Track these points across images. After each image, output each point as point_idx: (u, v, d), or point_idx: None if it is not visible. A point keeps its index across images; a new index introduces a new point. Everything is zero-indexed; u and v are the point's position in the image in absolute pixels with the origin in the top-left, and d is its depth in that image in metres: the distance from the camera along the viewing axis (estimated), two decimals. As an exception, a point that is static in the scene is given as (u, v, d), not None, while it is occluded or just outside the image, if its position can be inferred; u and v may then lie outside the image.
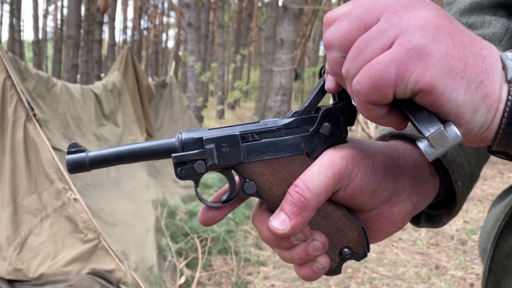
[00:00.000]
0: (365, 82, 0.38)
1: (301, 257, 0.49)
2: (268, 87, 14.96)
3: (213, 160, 0.48)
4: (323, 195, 0.46)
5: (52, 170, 3.02)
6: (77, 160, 0.48)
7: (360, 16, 0.40)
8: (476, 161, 0.59)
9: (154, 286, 3.06)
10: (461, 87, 0.37)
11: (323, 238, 0.50)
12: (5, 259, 2.95)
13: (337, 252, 0.51)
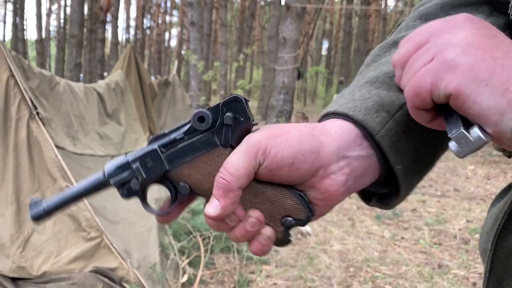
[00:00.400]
0: (410, 90, 0.47)
1: (243, 235, 0.53)
2: (271, 86, 14.97)
3: (142, 176, 0.55)
4: (244, 176, 0.51)
5: (55, 168, 3.03)
6: (37, 213, 0.58)
7: (416, 39, 0.49)
8: (428, 150, 0.59)
9: (156, 284, 3.06)
10: (485, 92, 0.43)
11: (257, 213, 0.53)
12: (8, 257, 2.96)
13: (279, 223, 0.54)
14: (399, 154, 0.55)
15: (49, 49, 30.83)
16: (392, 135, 0.54)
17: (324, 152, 0.52)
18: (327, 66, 30.77)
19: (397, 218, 5.24)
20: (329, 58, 32.91)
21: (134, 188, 0.55)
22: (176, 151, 0.54)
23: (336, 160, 0.53)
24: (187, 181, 0.54)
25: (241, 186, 0.51)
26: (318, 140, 0.53)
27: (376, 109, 0.55)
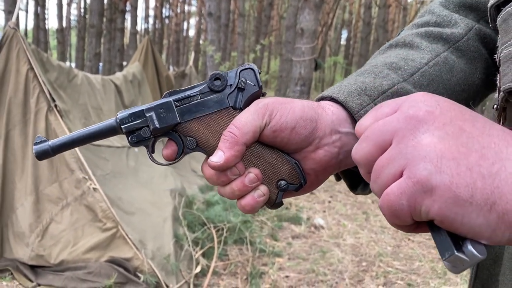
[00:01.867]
0: (386, 210, 0.43)
1: (239, 188, 0.56)
2: (288, 77, 14.89)
3: (154, 125, 0.57)
4: (250, 133, 0.55)
5: (72, 160, 3.10)
6: (43, 149, 0.58)
7: (375, 140, 0.45)
8: None
9: (170, 275, 3.12)
10: (472, 212, 0.38)
11: (257, 171, 0.57)
12: (27, 246, 3.05)
13: (274, 185, 0.58)
14: None
15: (70, 38, 31.20)
16: None
17: (320, 123, 0.58)
18: (345, 57, 30.43)
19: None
20: (348, 48, 32.53)
21: (144, 135, 0.58)
22: (189, 106, 0.58)
23: (329, 133, 0.58)
24: (195, 136, 0.58)
25: (246, 142, 0.55)
26: (316, 112, 0.58)
27: (358, 92, 0.61)
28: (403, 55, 0.68)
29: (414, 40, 0.70)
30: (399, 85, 0.63)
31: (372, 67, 0.67)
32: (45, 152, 0.58)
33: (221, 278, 3.36)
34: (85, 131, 0.59)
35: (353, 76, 0.67)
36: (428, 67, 0.66)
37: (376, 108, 0.48)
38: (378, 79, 0.64)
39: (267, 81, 23.63)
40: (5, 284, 2.99)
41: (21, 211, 3.11)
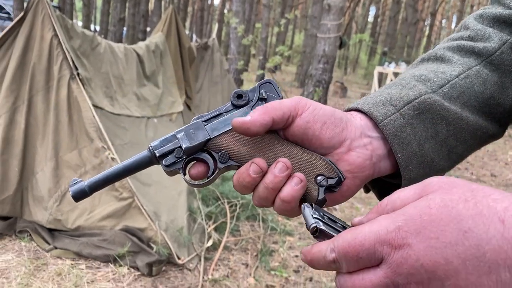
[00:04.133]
0: None
1: (271, 181, 0.55)
2: (311, 53, 14.67)
3: (186, 143, 0.59)
4: (281, 112, 0.56)
5: (92, 129, 3.13)
6: (79, 190, 0.59)
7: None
8: (433, 147, 0.63)
9: (182, 247, 3.19)
10: None
11: (284, 159, 0.56)
12: (46, 209, 3.14)
13: (313, 181, 0.57)
14: (402, 144, 0.60)
15: (95, 1, 31.14)
16: (397, 125, 0.60)
17: (350, 125, 0.59)
18: (372, 35, 29.74)
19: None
20: (375, 26, 31.76)
21: (177, 156, 0.59)
22: (216, 123, 0.60)
23: (359, 136, 0.59)
24: (227, 149, 0.59)
25: (276, 117, 0.56)
26: (346, 116, 0.60)
27: (383, 102, 0.62)
28: (434, 68, 0.68)
29: (445, 54, 0.70)
30: (426, 96, 0.63)
31: (400, 79, 0.68)
32: (82, 192, 0.59)
33: (231, 253, 3.42)
34: (120, 166, 0.60)
35: (380, 89, 0.67)
36: (459, 79, 0.65)
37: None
38: (404, 90, 0.64)
39: (290, 56, 23.32)
40: (24, 244, 3.09)
41: (41, 175, 3.18)
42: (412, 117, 0.61)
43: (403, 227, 0.40)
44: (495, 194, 0.39)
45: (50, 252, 3.02)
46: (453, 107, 0.63)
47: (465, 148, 0.66)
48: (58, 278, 2.75)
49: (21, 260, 2.88)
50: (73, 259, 2.98)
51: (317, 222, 0.47)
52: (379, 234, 0.41)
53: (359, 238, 0.42)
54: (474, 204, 0.39)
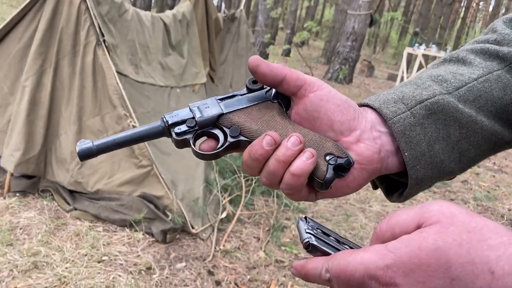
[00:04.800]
0: None
1: (284, 153, 0.55)
2: (340, 29, 14.38)
3: (199, 114, 0.60)
4: (296, 75, 0.59)
5: (115, 96, 3.19)
6: (86, 149, 0.59)
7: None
8: (443, 148, 0.62)
9: (197, 217, 3.26)
10: None
11: (298, 134, 0.57)
12: (68, 172, 3.24)
13: (323, 158, 0.57)
14: (410, 143, 0.60)
15: (126, -36, 30.95)
16: (406, 124, 0.60)
17: (362, 118, 0.60)
18: (404, 13, 28.86)
19: (445, 188, 5.13)
20: (408, 4, 30.79)
21: (189, 125, 0.60)
22: (231, 101, 0.62)
23: (370, 128, 0.60)
24: (238, 124, 0.60)
25: (289, 77, 0.58)
26: (358, 108, 0.61)
27: (394, 100, 0.62)
28: (453, 69, 0.67)
29: (467, 56, 0.69)
30: (440, 97, 0.62)
31: (416, 78, 0.67)
32: (89, 151, 0.59)
33: (244, 226, 3.48)
34: (130, 133, 0.60)
35: (395, 87, 0.67)
36: (477, 83, 0.64)
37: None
38: (418, 89, 0.63)
39: (318, 31, 22.87)
40: (46, 203, 3.21)
41: (64, 138, 3.27)
42: (423, 116, 0.61)
43: (392, 267, 0.41)
44: (492, 239, 0.39)
45: (70, 213, 3.13)
46: (467, 110, 0.62)
47: (477, 153, 0.65)
48: (76, 238, 2.86)
49: (42, 218, 3.00)
50: (91, 221, 3.09)
51: (310, 237, 0.48)
52: (369, 268, 0.42)
53: (351, 267, 0.43)
54: (467, 250, 0.39)
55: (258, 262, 3.04)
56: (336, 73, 10.75)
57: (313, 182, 0.58)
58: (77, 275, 2.50)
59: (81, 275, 2.51)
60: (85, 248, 2.76)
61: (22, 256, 2.58)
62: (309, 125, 0.60)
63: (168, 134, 0.60)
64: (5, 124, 3.38)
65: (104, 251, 2.78)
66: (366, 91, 11.12)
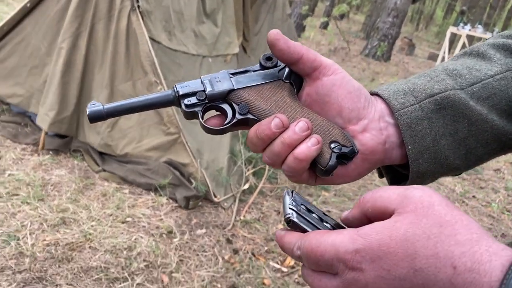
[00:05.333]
0: None
1: (290, 136, 0.56)
2: (382, 5, 13.91)
3: (210, 87, 0.60)
4: (313, 55, 0.58)
5: (147, 62, 3.23)
6: (96, 111, 0.59)
7: None
8: (449, 144, 0.61)
9: (220, 187, 3.32)
10: None
11: (307, 120, 0.57)
12: (98, 134, 3.34)
13: (328, 145, 0.58)
14: (415, 136, 0.60)
15: None
16: (413, 117, 0.60)
17: (372, 107, 0.60)
18: (452, -10, 27.57)
19: (475, 175, 5.01)
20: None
21: (199, 98, 0.60)
22: (243, 77, 0.61)
23: (378, 119, 0.60)
24: (248, 101, 0.60)
25: (306, 57, 0.58)
26: (370, 97, 0.61)
27: (404, 92, 0.61)
28: (471, 64, 0.65)
29: (488, 51, 0.66)
30: (452, 92, 0.61)
31: (432, 70, 0.66)
32: (99, 114, 0.59)
33: (266, 198, 3.53)
34: (140, 99, 0.61)
35: (409, 78, 0.66)
36: (493, 80, 0.62)
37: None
38: (431, 82, 0.62)
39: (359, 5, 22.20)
40: (76, 163, 3.34)
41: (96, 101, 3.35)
42: (432, 111, 0.60)
43: (360, 252, 0.42)
44: (461, 234, 0.40)
45: (98, 174, 3.25)
46: (478, 107, 0.61)
47: (486, 151, 0.64)
48: (103, 199, 2.98)
49: (72, 177, 3.13)
50: (118, 183, 3.19)
51: (292, 213, 0.49)
52: (338, 251, 0.43)
53: (321, 248, 0.45)
54: (434, 244, 0.40)
55: (277, 235, 3.08)
56: (374, 49, 10.48)
57: (315, 167, 0.58)
58: (101, 233, 2.62)
59: (105, 233, 2.62)
60: (110, 209, 2.87)
61: (51, 212, 2.71)
62: (318, 109, 0.60)
63: (177, 104, 0.60)
64: (41, 83, 3.50)
65: (129, 212, 2.88)
66: (404, 70, 10.81)
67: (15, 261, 2.26)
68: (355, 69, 9.43)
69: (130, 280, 2.34)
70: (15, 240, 2.40)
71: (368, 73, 9.27)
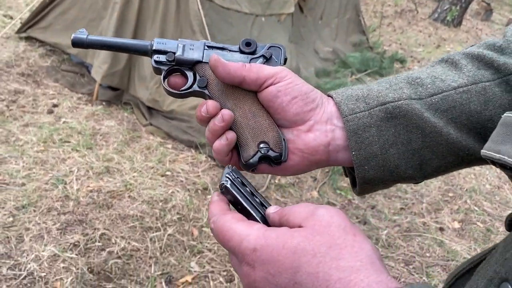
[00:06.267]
0: None
1: (211, 126, 0.59)
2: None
3: (180, 52, 0.63)
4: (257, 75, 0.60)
5: (196, 22, 3.27)
6: (79, 39, 0.65)
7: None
8: (401, 154, 0.61)
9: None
10: None
11: (227, 112, 0.59)
12: (147, 89, 3.48)
13: (256, 143, 0.60)
14: (361, 143, 0.60)
15: None
16: (360, 123, 0.60)
17: (320, 109, 0.61)
18: None
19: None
20: None
21: (168, 58, 0.63)
22: (215, 53, 0.64)
23: (325, 121, 0.61)
24: (208, 77, 0.63)
25: (248, 78, 0.60)
26: (321, 100, 0.62)
27: (357, 97, 0.62)
28: (438, 73, 0.63)
29: (461, 61, 0.64)
30: (405, 102, 0.60)
31: (394, 77, 0.65)
32: (80, 41, 0.65)
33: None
34: (120, 40, 0.66)
35: (370, 83, 0.67)
36: (455, 93, 0.61)
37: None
38: (387, 90, 0.62)
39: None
40: (126, 115, 3.52)
41: (147, 58, 3.47)
42: (381, 119, 0.60)
43: (256, 252, 0.46)
44: (345, 260, 0.42)
45: (145, 127, 3.41)
46: (433, 119, 0.59)
47: (442, 164, 0.63)
48: (147, 152, 3.15)
49: (120, 128, 3.32)
50: (162, 137, 3.35)
51: (227, 181, 0.54)
52: (241, 244, 0.47)
53: (229, 234, 0.49)
54: (317, 263, 0.43)
55: (310, 201, 3.13)
56: (444, 13, 9.83)
57: (241, 157, 0.62)
58: (141, 184, 2.79)
59: (144, 184, 2.80)
60: (152, 162, 3.03)
61: (98, 160, 2.92)
62: (269, 111, 0.62)
63: (150, 57, 0.64)
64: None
65: (169, 167, 3.04)
66: (475, 37, 10.09)
67: (61, 203, 2.49)
68: (420, 34, 8.94)
69: (162, 230, 2.51)
70: (63, 184, 2.62)
71: (434, 39, 8.76)
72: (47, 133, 3.04)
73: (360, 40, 6.17)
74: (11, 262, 2.12)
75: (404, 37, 8.27)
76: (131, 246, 2.35)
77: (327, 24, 5.62)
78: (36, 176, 2.65)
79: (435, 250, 2.90)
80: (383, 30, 8.07)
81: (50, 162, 2.79)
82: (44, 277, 2.09)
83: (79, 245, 2.27)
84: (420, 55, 7.41)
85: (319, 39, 5.48)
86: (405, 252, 2.82)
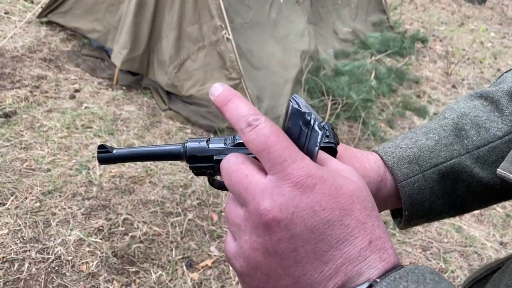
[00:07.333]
0: None
1: None
2: None
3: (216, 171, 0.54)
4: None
5: (214, 6, 3.26)
6: (106, 157, 0.58)
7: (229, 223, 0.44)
8: (446, 202, 0.62)
9: (277, 133, 3.40)
10: None
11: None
12: (166, 74, 3.51)
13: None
14: (415, 204, 0.61)
15: None
16: (415, 188, 0.60)
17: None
18: None
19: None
20: None
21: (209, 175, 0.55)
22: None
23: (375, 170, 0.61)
24: None
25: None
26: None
27: (409, 160, 0.60)
28: (480, 119, 0.61)
29: (501, 100, 0.62)
30: (457, 160, 0.59)
31: (441, 126, 0.63)
32: (108, 159, 0.58)
33: (322, 149, 3.56)
34: (149, 149, 0.58)
35: (417, 133, 0.63)
36: (501, 142, 0.59)
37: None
38: (438, 146, 0.61)
39: None
40: (145, 100, 3.57)
41: (165, 42, 3.49)
42: (434, 181, 0.60)
43: (313, 178, 0.39)
44: (382, 228, 0.41)
45: (164, 112, 3.46)
46: (482, 174, 0.59)
47: (481, 205, 0.64)
48: (166, 137, 3.20)
49: (140, 113, 3.37)
50: (182, 122, 3.39)
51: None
52: (295, 161, 0.39)
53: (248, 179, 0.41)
54: (366, 215, 0.40)
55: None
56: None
57: None
58: (161, 170, 2.85)
59: (165, 170, 2.85)
60: (172, 147, 3.08)
61: (119, 145, 2.98)
62: None
63: (185, 156, 0.55)
64: (117, 21, 3.68)
65: (188, 152, 3.08)
66: (500, 14, 9.78)
67: (85, 189, 2.57)
68: (443, 11, 8.71)
69: (182, 215, 2.57)
70: (86, 170, 2.70)
71: (458, 17, 8.53)
72: (69, 118, 3.11)
73: (381, 19, 6.06)
74: (39, 246, 2.21)
75: (426, 15, 8.07)
76: (153, 231, 2.42)
77: (347, 3, 5.52)
78: (61, 162, 2.73)
79: (453, 236, 2.91)
80: (405, 8, 7.88)
81: (73, 148, 2.86)
82: (71, 260, 2.18)
83: (103, 230, 2.35)
84: (443, 33, 7.23)
85: (339, 19, 5.39)
86: (422, 238, 2.84)
